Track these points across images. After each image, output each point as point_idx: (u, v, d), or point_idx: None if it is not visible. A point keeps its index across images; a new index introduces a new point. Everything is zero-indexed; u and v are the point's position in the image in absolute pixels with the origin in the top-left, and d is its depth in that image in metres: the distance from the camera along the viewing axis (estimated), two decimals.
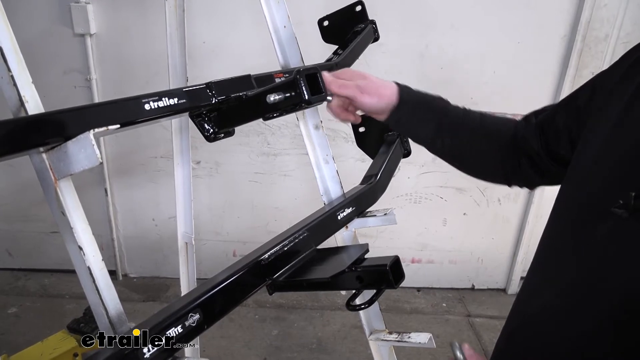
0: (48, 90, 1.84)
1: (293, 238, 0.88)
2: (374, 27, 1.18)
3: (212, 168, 2.53)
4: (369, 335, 1.17)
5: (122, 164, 2.55)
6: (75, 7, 2.19)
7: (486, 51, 2.27)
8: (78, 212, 0.64)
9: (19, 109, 0.60)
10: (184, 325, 0.67)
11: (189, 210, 1.43)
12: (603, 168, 0.59)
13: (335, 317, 2.48)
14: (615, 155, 0.57)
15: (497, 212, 2.60)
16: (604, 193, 0.56)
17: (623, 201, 0.52)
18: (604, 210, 0.54)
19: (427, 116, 0.83)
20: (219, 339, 2.28)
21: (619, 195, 0.52)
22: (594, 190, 0.58)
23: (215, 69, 2.25)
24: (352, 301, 0.87)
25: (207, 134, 0.81)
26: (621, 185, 0.53)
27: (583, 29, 2.18)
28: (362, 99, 0.81)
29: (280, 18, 1.04)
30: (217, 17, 2.23)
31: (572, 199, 0.63)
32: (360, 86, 0.81)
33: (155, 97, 0.70)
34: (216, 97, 0.79)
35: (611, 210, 0.53)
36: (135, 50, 2.30)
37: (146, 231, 2.69)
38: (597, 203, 0.56)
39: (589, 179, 0.60)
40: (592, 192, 0.59)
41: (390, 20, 2.15)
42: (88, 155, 0.57)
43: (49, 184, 0.62)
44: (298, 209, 2.48)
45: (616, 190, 0.53)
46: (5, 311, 2.44)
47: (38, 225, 2.64)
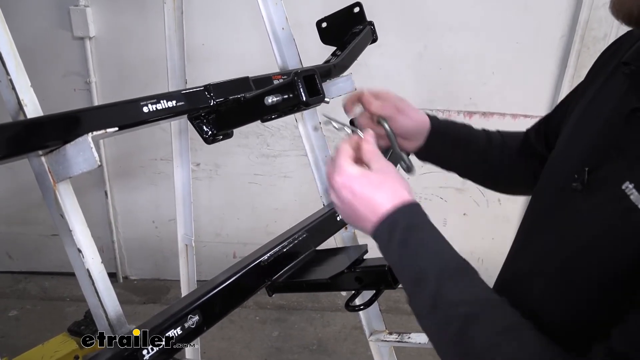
0: (47, 93, 1.84)
1: (292, 239, 0.88)
2: (372, 28, 1.18)
3: (211, 170, 2.54)
4: (369, 336, 1.17)
5: (122, 166, 2.56)
6: (74, 10, 2.20)
7: (485, 52, 2.28)
8: (77, 215, 0.64)
9: (17, 113, 0.61)
10: (183, 326, 0.67)
11: (188, 213, 1.43)
12: (571, 145, 0.62)
13: (336, 318, 2.48)
14: (582, 132, 0.61)
15: (497, 213, 2.60)
16: (569, 169, 0.58)
17: (578, 176, 0.55)
18: (566, 185, 0.57)
19: (457, 144, 0.85)
20: (220, 341, 2.28)
21: (579, 171, 0.55)
22: (561, 167, 0.62)
23: (214, 71, 2.25)
24: (351, 302, 0.88)
25: (205, 136, 0.81)
26: (582, 161, 0.56)
27: (581, 29, 2.18)
28: (400, 118, 0.80)
29: (279, 20, 1.04)
30: (216, 19, 2.24)
31: (544, 177, 0.67)
32: (398, 107, 0.81)
33: (153, 99, 0.70)
34: (214, 99, 0.80)
35: (570, 186, 0.56)
36: (135, 53, 2.30)
37: (146, 233, 2.69)
38: (561, 179, 0.59)
39: (559, 156, 0.65)
40: (559, 169, 0.62)
41: (389, 21, 2.15)
42: (87, 158, 0.57)
43: (48, 187, 0.62)
44: (298, 210, 2.48)
45: (578, 167, 0.56)
46: (5, 314, 2.44)
47: (38, 227, 2.64)
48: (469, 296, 0.52)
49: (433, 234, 0.58)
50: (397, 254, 0.56)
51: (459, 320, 0.50)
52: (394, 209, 0.57)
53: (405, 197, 0.59)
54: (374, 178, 0.60)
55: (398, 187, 0.59)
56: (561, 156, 0.65)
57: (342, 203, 0.61)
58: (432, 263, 0.54)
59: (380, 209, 0.58)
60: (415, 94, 2.34)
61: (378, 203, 0.58)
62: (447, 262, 0.55)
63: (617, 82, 0.59)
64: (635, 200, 0.47)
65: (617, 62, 0.61)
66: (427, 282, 0.53)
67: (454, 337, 0.50)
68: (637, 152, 0.50)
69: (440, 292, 0.52)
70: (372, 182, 0.59)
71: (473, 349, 0.48)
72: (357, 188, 0.59)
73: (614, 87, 0.59)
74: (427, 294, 0.52)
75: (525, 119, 2.35)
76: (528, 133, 0.87)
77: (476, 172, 0.90)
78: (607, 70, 0.63)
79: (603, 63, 0.67)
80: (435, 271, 0.53)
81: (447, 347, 0.52)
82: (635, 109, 0.52)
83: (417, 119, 0.82)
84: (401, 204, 0.58)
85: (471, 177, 0.91)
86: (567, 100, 0.77)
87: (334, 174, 0.62)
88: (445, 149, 0.85)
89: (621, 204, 0.48)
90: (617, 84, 0.59)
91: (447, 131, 0.85)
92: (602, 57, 0.69)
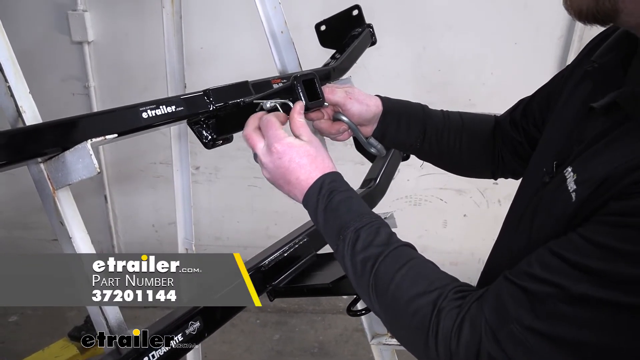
0: (46, 98, 1.84)
1: (293, 244, 0.88)
2: (371, 30, 1.18)
3: (211, 173, 2.53)
4: (371, 339, 1.17)
5: (122, 170, 2.55)
6: (72, 15, 2.20)
7: (484, 53, 2.27)
8: (77, 222, 0.64)
9: (16, 120, 0.60)
10: (184, 333, 0.67)
11: (188, 216, 1.43)
12: (546, 144, 0.67)
13: (337, 320, 2.48)
14: (555, 130, 0.66)
15: (498, 214, 2.60)
16: (543, 166, 0.62)
17: (547, 170, 0.60)
18: (539, 183, 0.61)
19: (411, 122, 0.85)
20: (221, 344, 2.28)
21: (548, 166, 0.60)
22: (537, 165, 0.66)
23: (213, 75, 2.25)
24: (353, 306, 0.87)
25: (205, 141, 0.81)
26: (552, 157, 0.61)
27: (580, 30, 2.18)
28: (351, 105, 0.81)
29: (278, 23, 1.04)
30: (215, 23, 2.24)
31: (525, 175, 0.72)
32: (348, 92, 0.81)
33: (152, 105, 0.70)
34: (214, 104, 0.80)
35: (543, 180, 0.60)
36: (133, 57, 2.30)
37: (146, 237, 2.68)
38: (536, 175, 0.63)
39: (536, 156, 0.69)
40: (536, 167, 0.66)
41: (388, 23, 2.15)
42: (86, 165, 0.57)
43: (47, 194, 0.62)
44: (298, 213, 2.47)
45: (549, 163, 0.60)
46: (6, 319, 2.43)
47: (38, 232, 2.64)
48: (380, 242, 0.61)
49: (352, 195, 0.66)
50: (323, 214, 0.64)
51: (371, 260, 0.59)
52: (322, 176, 0.66)
53: (331, 168, 0.68)
54: (310, 149, 0.67)
55: (326, 158, 0.68)
56: (537, 155, 0.69)
57: (277, 168, 0.67)
58: (351, 218, 0.63)
59: (313, 176, 0.66)
60: (414, 95, 2.32)
61: (311, 171, 0.66)
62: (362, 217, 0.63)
63: (586, 81, 0.63)
64: (569, 183, 0.52)
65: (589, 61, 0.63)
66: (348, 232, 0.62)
67: (367, 274, 0.60)
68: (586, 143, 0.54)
69: (358, 239, 0.61)
70: (309, 153, 0.66)
71: (380, 280, 0.59)
72: (295, 157, 0.66)
73: (584, 85, 0.63)
74: (348, 242, 0.61)
75: None
76: (500, 121, 0.87)
77: (432, 153, 0.88)
78: (582, 69, 0.65)
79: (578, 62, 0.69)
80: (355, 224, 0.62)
81: (363, 283, 0.61)
82: (591, 107, 0.55)
83: (368, 102, 0.82)
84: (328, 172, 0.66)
85: (427, 158, 0.90)
86: (546, 88, 0.79)
87: (272, 141, 0.67)
88: (399, 128, 0.85)
89: (560, 187, 0.53)
90: (586, 83, 0.63)
91: (400, 110, 0.85)
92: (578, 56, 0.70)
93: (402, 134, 0.85)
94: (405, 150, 0.90)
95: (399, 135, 0.85)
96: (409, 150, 0.90)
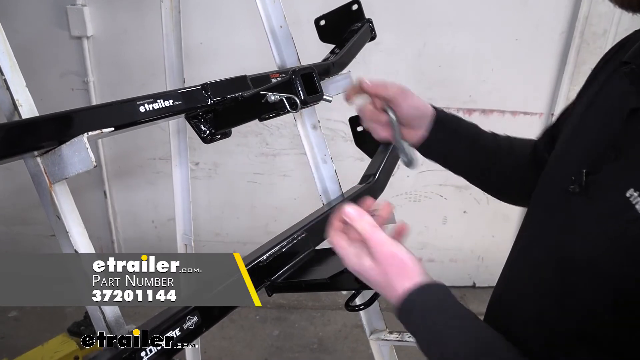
0: (45, 93, 1.84)
1: (291, 239, 0.87)
2: (371, 25, 1.17)
3: (210, 169, 2.53)
4: (370, 335, 1.17)
5: (121, 166, 2.55)
6: (71, 9, 2.19)
7: (484, 49, 2.27)
8: (74, 216, 0.64)
9: (12, 113, 0.60)
10: (182, 328, 0.67)
11: (187, 212, 1.43)
12: (570, 147, 0.62)
13: (337, 316, 2.48)
14: (581, 134, 0.61)
15: (497, 210, 2.60)
16: (567, 171, 0.57)
17: (575, 178, 0.54)
18: (563, 189, 0.56)
19: (462, 139, 0.83)
20: (220, 340, 2.28)
21: (576, 173, 0.54)
22: (559, 170, 0.61)
23: (212, 70, 2.24)
24: (351, 301, 0.87)
25: (203, 136, 0.81)
26: (580, 163, 0.55)
27: (581, 25, 2.17)
28: (404, 102, 0.79)
29: (276, 18, 1.03)
30: (214, 18, 2.23)
31: (542, 180, 0.66)
32: (403, 90, 0.80)
33: (150, 99, 0.69)
34: (212, 99, 0.79)
35: (568, 189, 0.55)
36: (132, 52, 2.30)
37: (145, 233, 2.68)
38: (559, 182, 0.58)
39: (557, 159, 0.64)
40: (558, 172, 0.61)
41: (387, 18, 2.14)
42: (82, 159, 0.57)
43: (44, 188, 0.62)
44: (297, 209, 2.48)
45: (576, 169, 0.55)
46: (5, 315, 2.44)
47: (37, 228, 2.64)
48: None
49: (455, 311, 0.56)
50: (421, 334, 0.56)
51: None
52: (415, 287, 0.56)
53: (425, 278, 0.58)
54: (402, 249, 0.60)
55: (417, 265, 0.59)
56: (559, 159, 0.63)
57: (377, 264, 0.59)
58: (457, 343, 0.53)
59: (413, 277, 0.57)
60: (415, 91, 2.31)
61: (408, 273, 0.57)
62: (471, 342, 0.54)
63: (617, 83, 0.58)
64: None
65: (617, 63, 0.60)
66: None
67: None
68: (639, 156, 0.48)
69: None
70: (402, 252, 0.59)
71: None
72: (393, 251, 0.58)
73: (614, 88, 0.58)
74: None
75: (525, 116, 2.35)
76: (537, 143, 0.83)
77: (483, 174, 0.86)
78: (606, 73, 0.62)
79: (602, 66, 0.65)
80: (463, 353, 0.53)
81: None
82: (635, 108, 0.50)
83: (420, 105, 0.81)
84: (421, 283, 0.57)
85: (477, 180, 0.87)
86: (570, 109, 0.74)
87: (371, 231, 0.60)
88: (449, 143, 0.82)
89: (625, 214, 0.45)
90: (616, 85, 0.58)
91: (452, 125, 0.83)
92: (601, 61, 0.67)
93: (452, 148, 0.83)
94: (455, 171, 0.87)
95: (447, 151, 0.83)
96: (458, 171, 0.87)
